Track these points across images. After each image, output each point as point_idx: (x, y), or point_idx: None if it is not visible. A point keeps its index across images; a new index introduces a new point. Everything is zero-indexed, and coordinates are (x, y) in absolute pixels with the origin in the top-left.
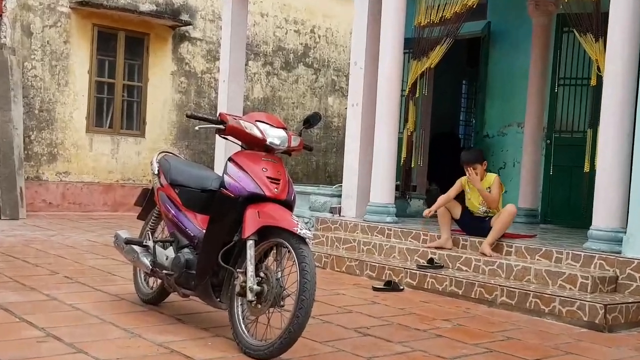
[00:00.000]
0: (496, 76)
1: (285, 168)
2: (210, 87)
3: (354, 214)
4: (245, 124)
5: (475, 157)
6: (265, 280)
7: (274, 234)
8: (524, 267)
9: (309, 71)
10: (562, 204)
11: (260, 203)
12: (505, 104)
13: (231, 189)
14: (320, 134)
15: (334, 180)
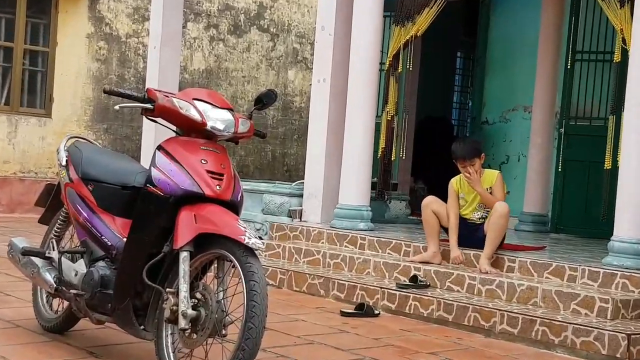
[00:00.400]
0: (498, 48)
1: (230, 160)
2: (138, 54)
3: (319, 219)
4: (180, 103)
5: (471, 150)
6: (203, 303)
7: (215, 243)
8: (529, 286)
9: (264, 37)
10: (577, 209)
11: (198, 204)
12: (509, 83)
13: (160, 186)
14: (278, 116)
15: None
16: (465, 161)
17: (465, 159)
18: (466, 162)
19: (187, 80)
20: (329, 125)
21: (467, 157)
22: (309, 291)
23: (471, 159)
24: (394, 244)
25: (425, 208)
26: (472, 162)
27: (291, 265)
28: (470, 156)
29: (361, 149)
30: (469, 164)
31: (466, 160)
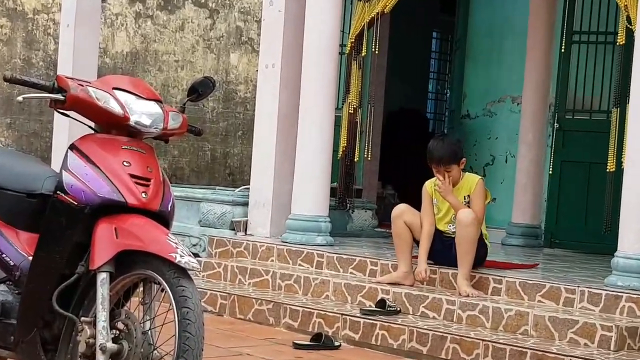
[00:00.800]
0: (482, 28)
1: (159, 162)
2: (48, 34)
3: (268, 232)
4: (98, 94)
5: (449, 153)
6: (126, 335)
7: (140, 263)
8: (518, 312)
9: (202, 13)
10: (575, 219)
11: (120, 215)
12: (495, 69)
13: (74, 194)
14: (218, 109)
15: (238, 181)
16: (439, 165)
17: (440, 163)
18: (440, 167)
19: (107, 66)
20: (280, 120)
21: (442, 161)
22: (255, 319)
23: (447, 165)
24: (357, 262)
25: (396, 219)
26: (448, 168)
27: (234, 288)
28: (446, 160)
29: (318, 148)
30: (443, 169)
31: (441, 165)
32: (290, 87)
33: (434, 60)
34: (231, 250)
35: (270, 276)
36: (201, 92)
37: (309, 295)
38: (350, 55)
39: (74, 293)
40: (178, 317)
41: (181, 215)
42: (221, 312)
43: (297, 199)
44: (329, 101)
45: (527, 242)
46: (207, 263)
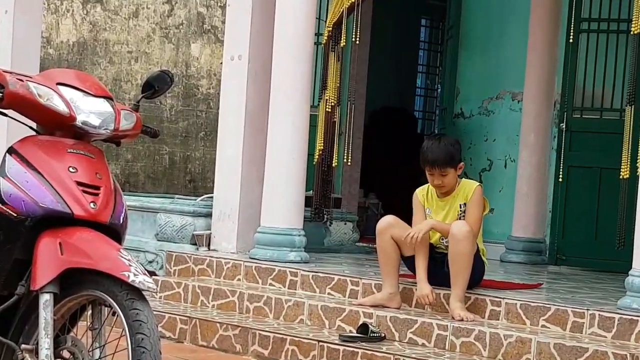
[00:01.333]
0: (477, 13)
1: (109, 167)
2: None
3: (234, 247)
4: (40, 90)
5: (446, 155)
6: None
7: (89, 282)
8: (519, 338)
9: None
10: (584, 233)
11: (65, 228)
12: (492, 62)
13: (12, 204)
14: (178, 106)
15: (200, 188)
16: (434, 168)
17: (435, 165)
18: (435, 170)
19: (51, 57)
20: (247, 119)
21: (437, 162)
22: (220, 346)
23: (443, 167)
24: (336, 282)
25: (382, 233)
26: (444, 171)
27: (196, 311)
28: (442, 162)
29: (291, 152)
30: (438, 173)
31: (435, 167)
32: (259, 81)
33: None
34: (192, 268)
35: (236, 297)
36: (158, 88)
37: (280, 319)
38: (327, 46)
39: (14, 317)
40: (132, 344)
41: (135, 227)
42: (181, 338)
43: (267, 210)
44: (303, 98)
45: (529, 258)
46: (164, 282)
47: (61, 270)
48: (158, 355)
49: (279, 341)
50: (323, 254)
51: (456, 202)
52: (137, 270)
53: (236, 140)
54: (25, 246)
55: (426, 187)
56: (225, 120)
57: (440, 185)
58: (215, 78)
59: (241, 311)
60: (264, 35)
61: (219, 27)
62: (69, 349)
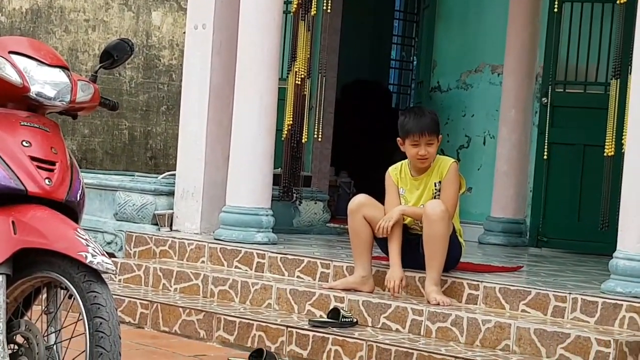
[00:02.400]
0: None
1: (65, 142)
2: None
3: (198, 228)
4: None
5: (433, 123)
6: (27, 350)
7: (44, 263)
8: (498, 324)
9: None
10: (566, 213)
11: (18, 206)
12: (471, 33)
13: None
14: (138, 78)
15: (161, 165)
16: (422, 136)
17: (424, 132)
18: (422, 138)
19: (3, 26)
20: (212, 92)
21: (426, 129)
22: (183, 332)
23: (430, 135)
24: (306, 264)
25: (354, 213)
26: (431, 139)
27: (157, 295)
28: (430, 129)
29: (258, 127)
30: (425, 142)
31: (424, 135)
32: (224, 52)
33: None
34: (153, 250)
35: (200, 280)
36: (117, 58)
37: (247, 303)
38: (297, 15)
39: None
40: (89, 329)
41: (93, 207)
42: (141, 323)
43: (232, 188)
44: (271, 70)
45: (509, 240)
46: (124, 264)
47: (14, 251)
48: (117, 341)
49: (245, 327)
50: (292, 235)
51: (431, 181)
52: (95, 251)
53: (200, 114)
54: None
55: (399, 165)
56: (188, 93)
57: (424, 157)
58: (178, 49)
59: (205, 295)
60: (229, 3)
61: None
62: (23, 333)
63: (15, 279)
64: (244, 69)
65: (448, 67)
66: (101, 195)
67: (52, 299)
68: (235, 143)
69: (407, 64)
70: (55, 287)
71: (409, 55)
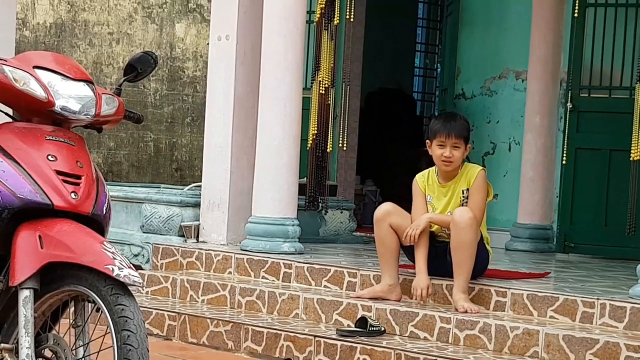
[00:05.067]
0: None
1: (91, 155)
2: None
3: (224, 239)
4: (16, 74)
5: (462, 126)
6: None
7: (71, 277)
8: (526, 330)
9: None
10: (593, 219)
11: (45, 220)
12: (494, 39)
13: None
14: (162, 90)
15: (187, 177)
16: (449, 137)
17: (451, 133)
18: (448, 141)
19: (27, 40)
20: (236, 103)
21: (453, 131)
22: (211, 343)
23: (458, 137)
24: (332, 273)
25: (380, 221)
26: (457, 142)
27: (185, 307)
28: (458, 132)
29: (283, 137)
30: (452, 144)
31: (451, 137)
32: (248, 63)
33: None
34: (180, 261)
35: (227, 291)
36: (140, 71)
37: (274, 313)
38: (320, 24)
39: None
40: (117, 342)
41: (119, 219)
42: (169, 335)
43: (258, 199)
44: (295, 80)
45: (536, 246)
46: (151, 277)
47: (41, 265)
48: (146, 353)
49: (273, 337)
50: (318, 245)
51: (458, 188)
52: (121, 264)
53: (225, 125)
54: (2, 239)
55: (427, 172)
56: (213, 104)
57: (448, 160)
58: (202, 60)
59: (233, 306)
60: (252, 13)
61: (204, 6)
62: (51, 347)
63: (42, 293)
64: (268, 79)
65: (472, 74)
66: (127, 208)
67: (79, 312)
68: (261, 153)
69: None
70: (83, 300)
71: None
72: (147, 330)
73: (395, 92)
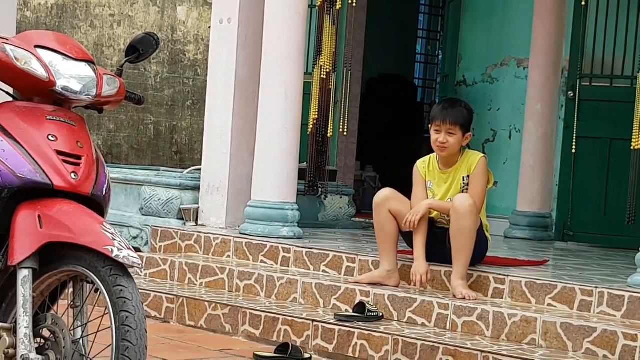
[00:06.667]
0: None
1: (91, 136)
2: None
3: (223, 222)
4: (17, 53)
5: (459, 115)
6: (53, 344)
7: (70, 257)
8: (524, 318)
9: None
10: (592, 207)
11: (44, 200)
12: (496, 26)
13: None
14: (163, 73)
15: (187, 160)
16: (444, 124)
17: (447, 120)
18: (444, 126)
19: (28, 20)
20: (237, 87)
21: (448, 118)
22: (209, 326)
23: (453, 124)
24: (331, 258)
25: (380, 207)
26: (452, 129)
27: (183, 289)
28: (453, 118)
29: (283, 122)
30: (446, 130)
31: (446, 123)
32: (249, 47)
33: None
34: (179, 244)
35: (226, 275)
36: (142, 52)
37: (272, 297)
38: (322, 9)
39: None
40: (116, 323)
41: (119, 201)
42: (167, 318)
43: (258, 183)
44: (296, 64)
45: (535, 234)
46: (150, 259)
47: (40, 245)
48: (144, 334)
49: (271, 321)
50: (317, 230)
51: (459, 175)
52: (121, 245)
53: (225, 109)
54: (1, 219)
55: (427, 158)
56: (214, 88)
57: (442, 145)
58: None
59: (231, 289)
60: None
61: None
62: (49, 327)
63: (41, 273)
64: (270, 63)
65: (473, 61)
66: (127, 190)
67: (78, 293)
68: (261, 137)
69: (433, 58)
70: (82, 281)
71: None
72: (145, 312)
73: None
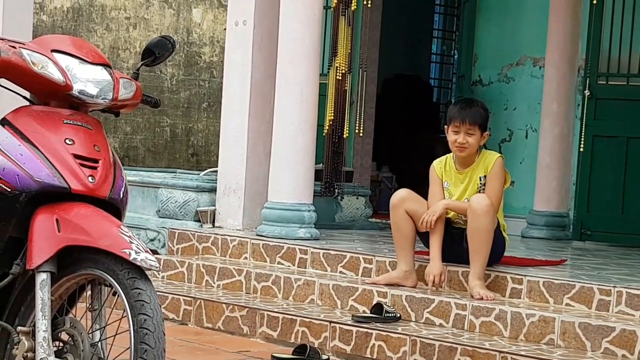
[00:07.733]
0: None
1: (107, 139)
2: None
3: (240, 224)
4: (34, 57)
5: (476, 115)
6: (72, 347)
7: (88, 261)
8: (542, 318)
9: None
10: (610, 206)
11: (62, 204)
12: (511, 25)
13: (6, 179)
14: (179, 76)
15: (203, 162)
16: (463, 124)
17: (465, 120)
18: (462, 127)
19: (45, 24)
20: (253, 88)
21: (467, 117)
22: (226, 328)
23: (472, 124)
24: (348, 259)
25: (396, 207)
26: (471, 129)
27: (201, 291)
28: (472, 118)
29: (299, 123)
30: (465, 130)
31: (465, 124)
32: (265, 48)
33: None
34: (196, 246)
35: (243, 277)
36: (158, 55)
37: (290, 299)
38: (337, 10)
39: (9, 298)
40: (134, 326)
41: (136, 204)
42: (185, 320)
43: (274, 184)
44: (312, 66)
45: (552, 233)
46: (167, 261)
47: (58, 248)
48: (162, 337)
49: (289, 322)
50: (334, 231)
51: (476, 175)
52: (138, 248)
53: (241, 111)
54: (20, 223)
55: (444, 158)
56: (230, 90)
57: (462, 146)
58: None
59: (248, 291)
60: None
61: None
62: (68, 330)
63: (59, 277)
64: (285, 64)
65: (489, 61)
66: (144, 193)
67: (96, 296)
68: (277, 139)
69: (448, 58)
70: (100, 284)
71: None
72: (163, 315)
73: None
